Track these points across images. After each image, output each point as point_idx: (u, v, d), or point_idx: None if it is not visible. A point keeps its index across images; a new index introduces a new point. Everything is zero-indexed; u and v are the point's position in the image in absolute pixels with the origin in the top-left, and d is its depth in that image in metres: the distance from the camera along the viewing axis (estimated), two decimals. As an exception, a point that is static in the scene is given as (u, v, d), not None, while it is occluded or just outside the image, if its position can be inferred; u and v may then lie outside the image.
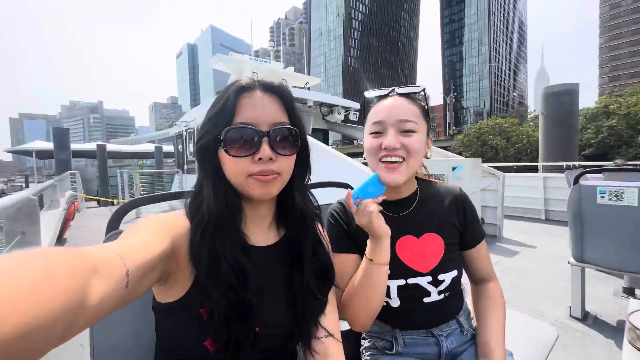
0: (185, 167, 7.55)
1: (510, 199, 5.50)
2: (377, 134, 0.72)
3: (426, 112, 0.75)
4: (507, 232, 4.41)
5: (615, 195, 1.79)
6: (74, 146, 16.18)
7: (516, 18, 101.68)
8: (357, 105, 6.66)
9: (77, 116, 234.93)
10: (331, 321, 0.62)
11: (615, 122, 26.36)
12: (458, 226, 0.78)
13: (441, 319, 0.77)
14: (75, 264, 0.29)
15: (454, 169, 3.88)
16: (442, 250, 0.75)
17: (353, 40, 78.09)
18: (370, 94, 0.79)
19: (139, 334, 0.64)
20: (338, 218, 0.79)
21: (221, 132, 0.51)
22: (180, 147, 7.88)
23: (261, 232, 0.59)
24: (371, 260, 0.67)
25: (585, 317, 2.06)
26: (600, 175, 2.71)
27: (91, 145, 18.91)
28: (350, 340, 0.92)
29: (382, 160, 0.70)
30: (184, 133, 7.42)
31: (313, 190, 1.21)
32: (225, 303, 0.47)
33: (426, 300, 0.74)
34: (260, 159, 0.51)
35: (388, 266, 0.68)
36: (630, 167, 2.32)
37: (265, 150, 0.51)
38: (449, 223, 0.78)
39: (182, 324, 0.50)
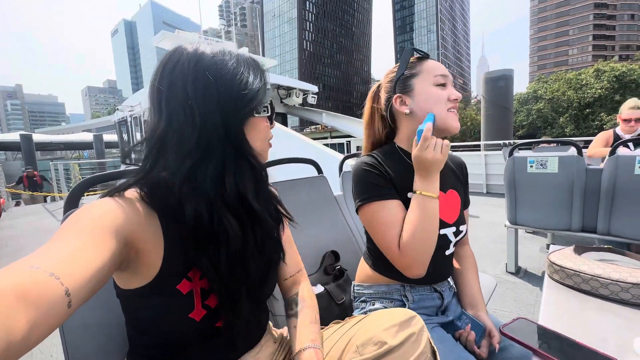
0: (133, 156, 6.96)
1: (457, 176, 6.01)
2: (442, 85, 0.78)
3: None
4: (455, 205, 4.86)
5: (541, 164, 2.08)
6: (-10, 137, 13.83)
7: (461, 8, 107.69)
8: (315, 89, 6.63)
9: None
10: (293, 255, 0.72)
11: (542, 105, 29.70)
12: (462, 187, 0.91)
13: (447, 273, 0.87)
14: None
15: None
16: (459, 205, 0.86)
17: (308, 23, 76.53)
18: (416, 50, 0.83)
19: (110, 310, 0.62)
20: (378, 166, 0.79)
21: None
22: (125, 135, 7.22)
23: None
24: (426, 194, 0.71)
25: (518, 272, 2.40)
26: (530, 150, 3.10)
27: (12, 136, 16.39)
28: (334, 309, 0.98)
29: (450, 110, 0.78)
30: (129, 119, 6.80)
31: (281, 167, 1.24)
32: (227, 264, 0.50)
33: (447, 252, 0.82)
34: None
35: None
36: (552, 140, 2.70)
37: None
38: (460, 183, 0.90)
39: (160, 306, 0.49)
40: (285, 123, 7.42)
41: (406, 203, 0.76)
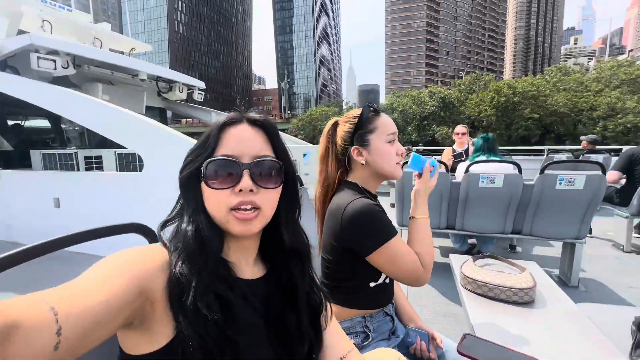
0: None
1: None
2: (392, 142, 0.91)
3: None
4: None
5: (422, 178, 2.59)
6: None
7: (333, 20, 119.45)
8: (202, 84, 5.95)
9: None
10: (341, 341, 0.63)
11: (396, 116, 36.53)
12: None
13: (393, 293, 0.99)
14: None
15: (304, 155, 4.31)
16: None
17: (179, 2, 68.19)
18: (374, 108, 0.94)
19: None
20: (381, 208, 0.86)
21: (202, 164, 0.51)
22: None
23: (247, 265, 0.57)
24: (425, 217, 0.88)
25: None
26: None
27: None
28: None
29: (397, 163, 0.92)
30: None
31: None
32: (210, 341, 0.43)
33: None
34: (240, 190, 0.50)
35: None
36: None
37: (246, 181, 0.51)
38: None
39: None
40: (164, 119, 6.41)
41: None
